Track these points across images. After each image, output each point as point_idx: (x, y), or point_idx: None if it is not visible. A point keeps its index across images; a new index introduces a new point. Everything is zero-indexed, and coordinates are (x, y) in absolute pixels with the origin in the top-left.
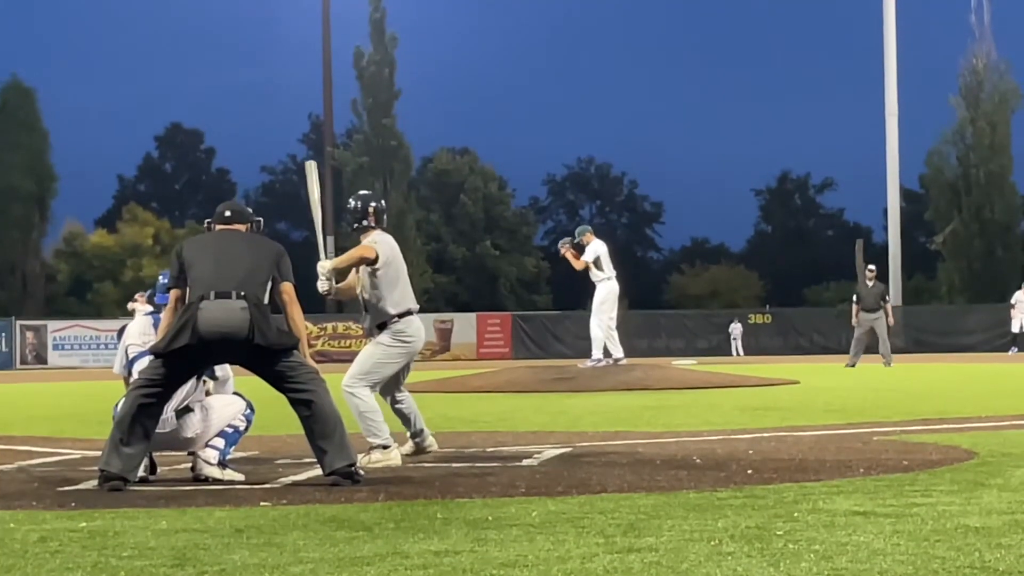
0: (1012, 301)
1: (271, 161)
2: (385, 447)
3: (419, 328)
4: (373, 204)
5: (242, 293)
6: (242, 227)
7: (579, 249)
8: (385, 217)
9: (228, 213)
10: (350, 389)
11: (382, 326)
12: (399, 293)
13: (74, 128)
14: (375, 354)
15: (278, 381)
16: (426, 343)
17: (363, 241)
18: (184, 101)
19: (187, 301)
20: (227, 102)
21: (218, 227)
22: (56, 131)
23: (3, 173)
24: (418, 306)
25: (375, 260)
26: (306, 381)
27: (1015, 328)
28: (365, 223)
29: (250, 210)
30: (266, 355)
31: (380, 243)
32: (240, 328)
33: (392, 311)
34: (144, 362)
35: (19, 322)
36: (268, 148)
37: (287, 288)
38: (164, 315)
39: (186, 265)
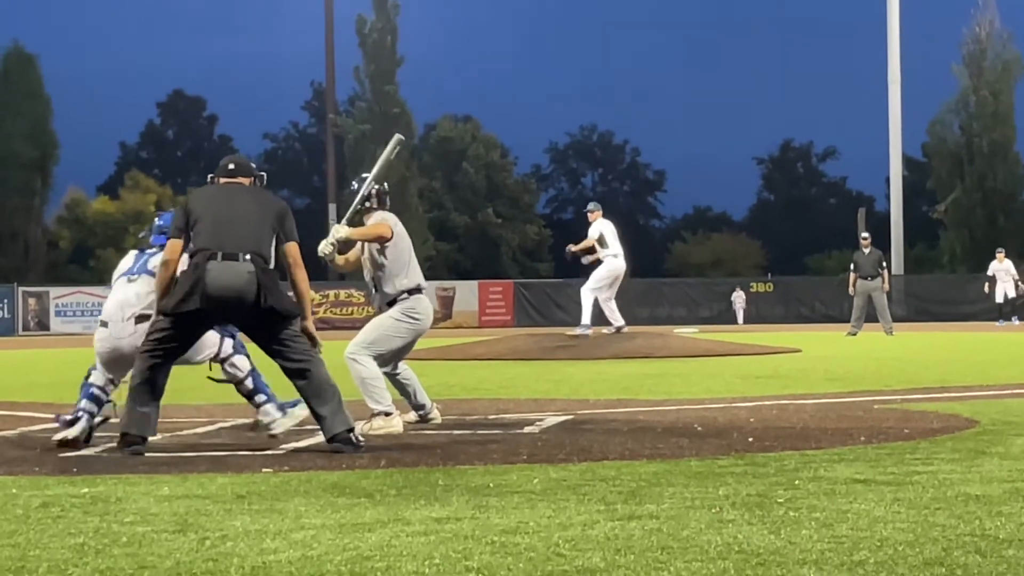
0: (990, 272)
1: (273, 128)
2: (387, 414)
3: (428, 307)
4: (378, 186)
5: (248, 256)
6: (246, 181)
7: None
8: (388, 199)
9: (232, 166)
10: (353, 356)
11: (392, 303)
12: (408, 270)
13: (76, 95)
14: (383, 325)
15: (275, 348)
16: None
17: (367, 221)
18: (186, 68)
19: (193, 258)
20: (229, 69)
21: (222, 180)
22: (58, 98)
23: (5, 140)
24: (426, 283)
25: (390, 238)
26: (302, 351)
27: (999, 298)
28: (369, 204)
29: (253, 164)
30: (270, 320)
31: (391, 221)
32: (248, 291)
33: (401, 288)
34: (116, 296)
35: (21, 289)
36: (270, 115)
37: (292, 249)
38: (161, 266)
39: (192, 219)
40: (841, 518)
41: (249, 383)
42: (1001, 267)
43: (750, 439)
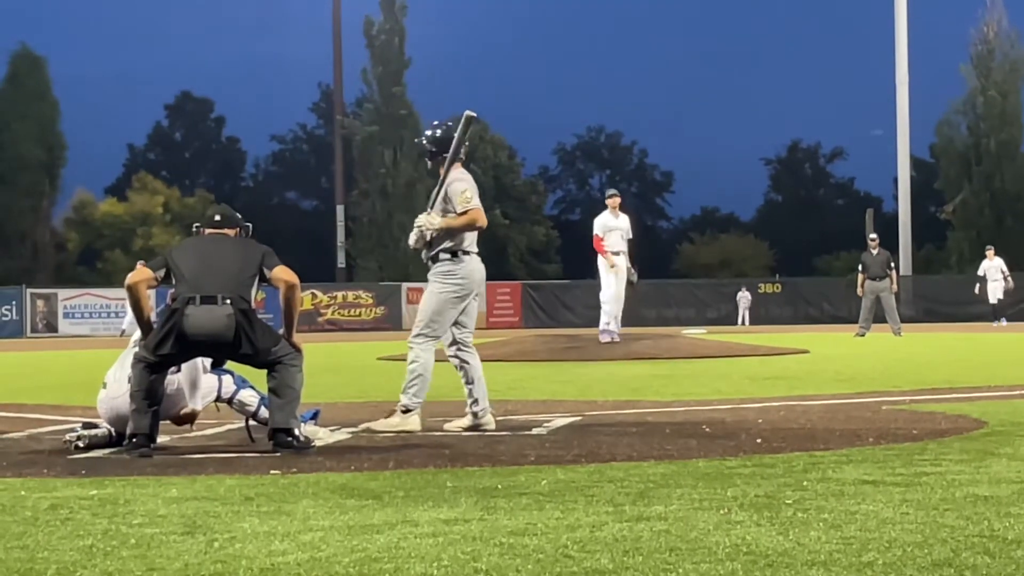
0: (981, 272)
1: (281, 130)
2: (407, 410)
3: (471, 269)
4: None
5: (227, 298)
6: (231, 232)
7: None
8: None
9: (217, 217)
10: (412, 343)
11: (435, 259)
12: (469, 233)
13: (84, 97)
14: (429, 303)
15: (261, 367)
16: None
17: (442, 172)
18: (194, 69)
19: (173, 303)
20: (237, 70)
21: (207, 231)
22: (66, 100)
23: (13, 142)
24: (476, 249)
25: (484, 226)
26: (280, 361)
27: (993, 299)
28: (446, 155)
29: (239, 215)
30: (250, 354)
31: (472, 188)
32: (226, 334)
33: (447, 245)
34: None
35: (29, 290)
36: (278, 117)
37: (282, 271)
38: (126, 289)
39: (173, 267)
40: (849, 519)
41: (264, 412)
42: (992, 265)
43: (758, 440)
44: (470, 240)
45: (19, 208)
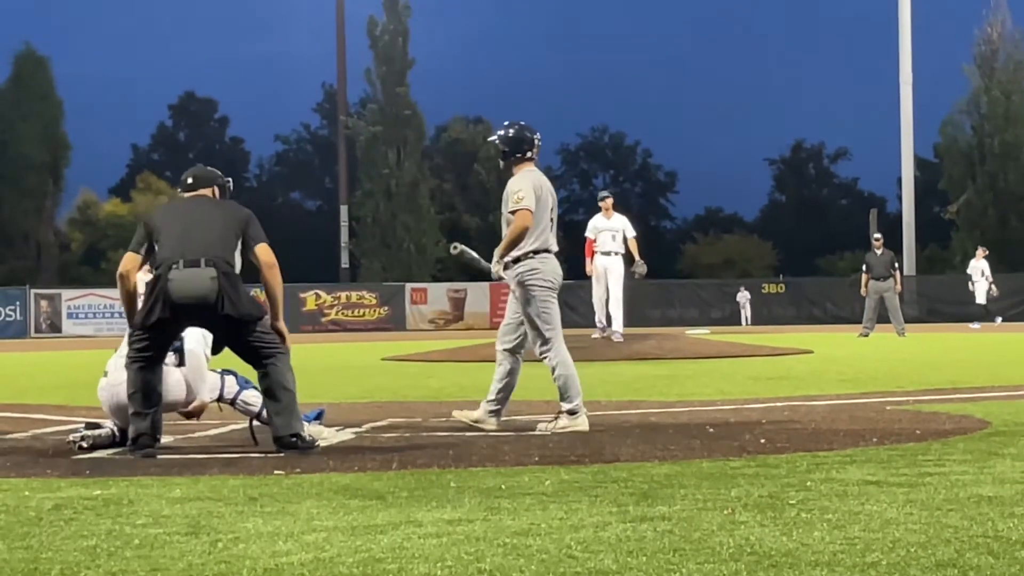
0: (969, 272)
1: (285, 130)
2: (572, 412)
3: (547, 270)
4: (538, 136)
5: (211, 261)
6: (208, 191)
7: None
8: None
9: (191, 180)
10: (542, 357)
11: (514, 261)
12: (535, 233)
13: (88, 97)
14: (530, 312)
15: (245, 352)
16: (439, 312)
17: (515, 172)
18: (198, 70)
19: (157, 270)
20: (241, 71)
21: (186, 195)
22: (70, 100)
23: (17, 142)
24: (555, 247)
25: (529, 227)
26: (269, 354)
27: (981, 300)
28: (519, 155)
29: (218, 172)
30: (232, 324)
31: (526, 189)
32: (208, 296)
33: (523, 249)
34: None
35: (33, 291)
36: (282, 117)
37: (262, 251)
38: (118, 279)
39: (154, 233)
40: (853, 519)
41: (267, 413)
42: (977, 266)
43: (762, 440)
44: (541, 240)
45: (23, 208)
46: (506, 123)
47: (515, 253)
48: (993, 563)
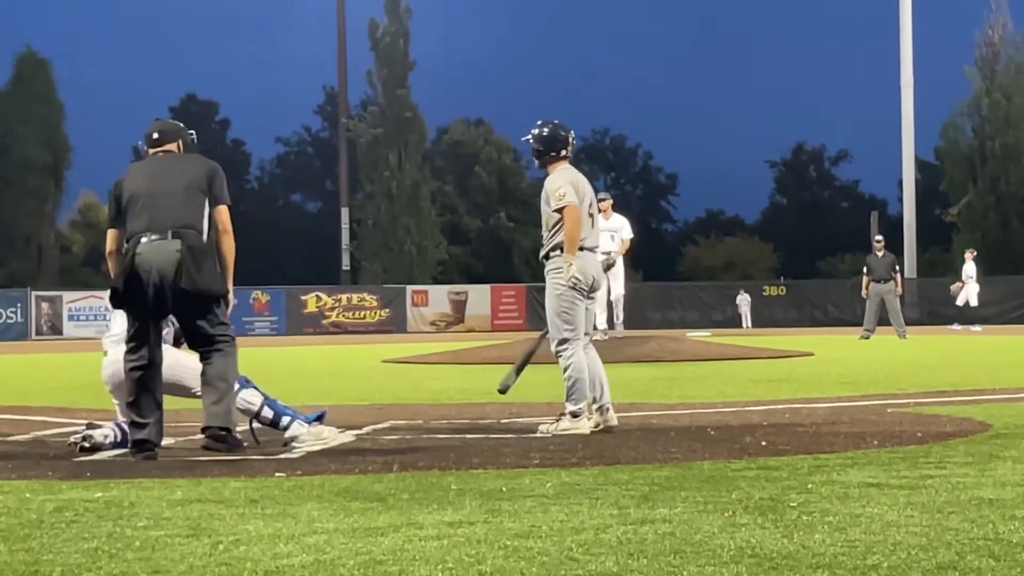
0: (967, 275)
1: (286, 132)
2: (575, 415)
3: (584, 263)
4: (572, 134)
5: (177, 233)
6: (174, 146)
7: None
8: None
9: (156, 135)
10: (557, 353)
11: (547, 256)
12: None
13: (89, 99)
14: (552, 306)
15: (194, 334)
16: (440, 314)
17: (550, 172)
18: (199, 72)
19: (128, 242)
20: (242, 73)
21: (150, 151)
22: (71, 102)
23: (18, 144)
24: (593, 243)
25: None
26: (217, 343)
27: (960, 302)
28: (554, 154)
29: (180, 124)
30: (192, 302)
31: (565, 186)
32: (169, 270)
33: (556, 242)
34: (118, 319)
35: (34, 293)
36: (283, 119)
37: (221, 214)
38: (106, 259)
39: (124, 203)
40: (854, 522)
41: (267, 412)
42: (967, 269)
43: (763, 443)
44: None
45: (24, 210)
46: (539, 122)
47: (551, 244)
48: (994, 566)
